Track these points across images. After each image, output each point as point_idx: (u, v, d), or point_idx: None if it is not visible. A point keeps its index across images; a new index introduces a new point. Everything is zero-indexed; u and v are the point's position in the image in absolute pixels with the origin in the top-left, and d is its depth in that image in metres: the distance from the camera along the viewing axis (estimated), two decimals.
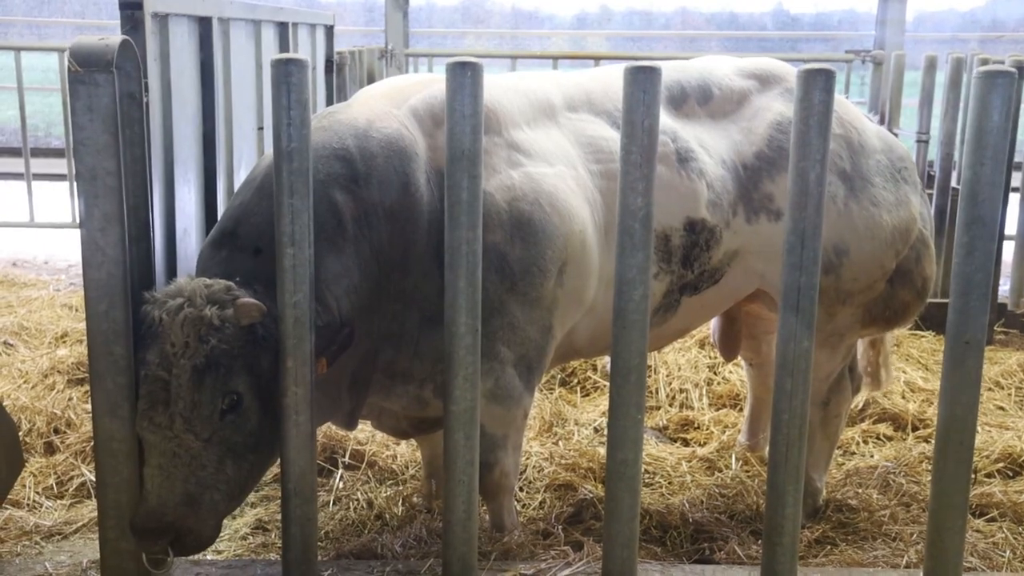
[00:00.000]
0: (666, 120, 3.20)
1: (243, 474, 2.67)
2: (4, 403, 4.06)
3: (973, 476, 3.84)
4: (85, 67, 2.47)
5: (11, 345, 5.19)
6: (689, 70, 3.47)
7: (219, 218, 2.96)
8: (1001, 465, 4.04)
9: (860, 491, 3.78)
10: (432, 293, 2.84)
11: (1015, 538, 3.45)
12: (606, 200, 3.12)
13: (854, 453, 4.23)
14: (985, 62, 4.93)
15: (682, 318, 3.42)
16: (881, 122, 6.97)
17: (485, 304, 2.67)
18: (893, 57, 7.20)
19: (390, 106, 3.01)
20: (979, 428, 4.17)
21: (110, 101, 2.47)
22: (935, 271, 3.63)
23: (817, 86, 2.58)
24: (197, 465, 2.57)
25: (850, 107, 3.56)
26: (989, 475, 3.98)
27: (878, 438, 4.38)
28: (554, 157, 3.09)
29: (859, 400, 4.38)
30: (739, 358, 4.14)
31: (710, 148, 3.30)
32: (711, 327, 4.11)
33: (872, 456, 4.17)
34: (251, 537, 3.45)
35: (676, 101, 3.35)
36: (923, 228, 3.52)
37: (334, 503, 3.66)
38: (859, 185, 3.36)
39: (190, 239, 3.38)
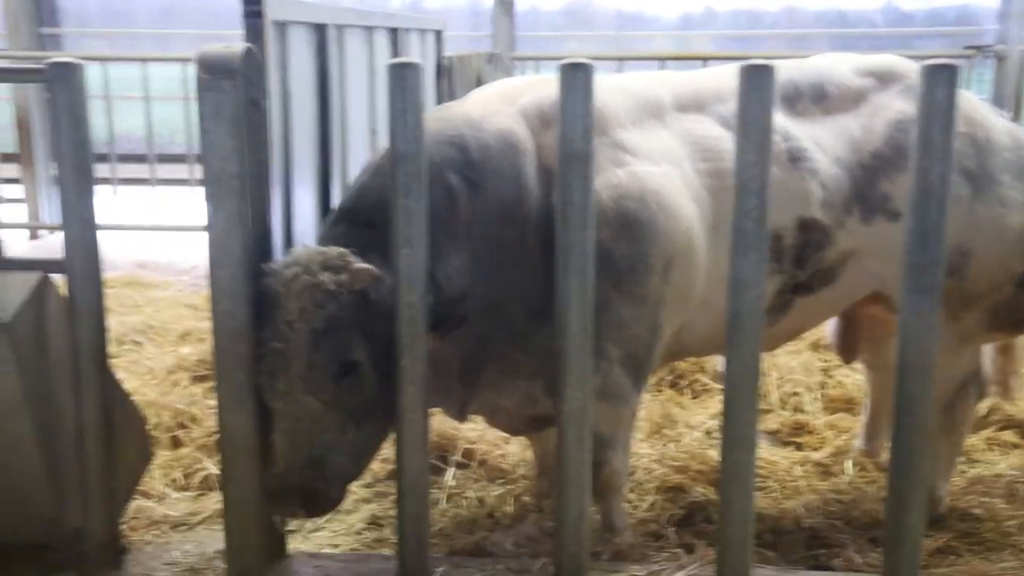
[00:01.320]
0: (779, 119, 3.14)
1: (363, 438, 2.73)
2: (133, 398, 4.22)
3: None
4: (211, 74, 2.54)
5: (138, 343, 5.39)
6: (804, 69, 3.40)
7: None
8: None
9: (985, 500, 3.63)
10: (539, 287, 2.86)
11: None
12: (714, 198, 3.09)
13: (978, 461, 4.06)
14: None
15: (796, 319, 3.35)
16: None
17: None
18: (1017, 52, 6.91)
19: (501, 104, 3.08)
20: None
21: (235, 107, 2.54)
22: None
23: (940, 82, 2.50)
24: (320, 429, 2.63)
25: (977, 104, 3.42)
26: None
27: (1003, 445, 4.20)
28: (660, 156, 3.07)
29: (984, 406, 4.21)
30: (857, 360, 4.03)
31: (824, 147, 3.22)
32: (829, 329, 4.02)
33: (998, 464, 4.01)
34: (366, 532, 3.49)
35: (790, 100, 3.28)
36: None
37: (446, 501, 3.69)
38: (985, 184, 3.23)
39: (308, 240, 3.45)
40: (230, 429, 2.65)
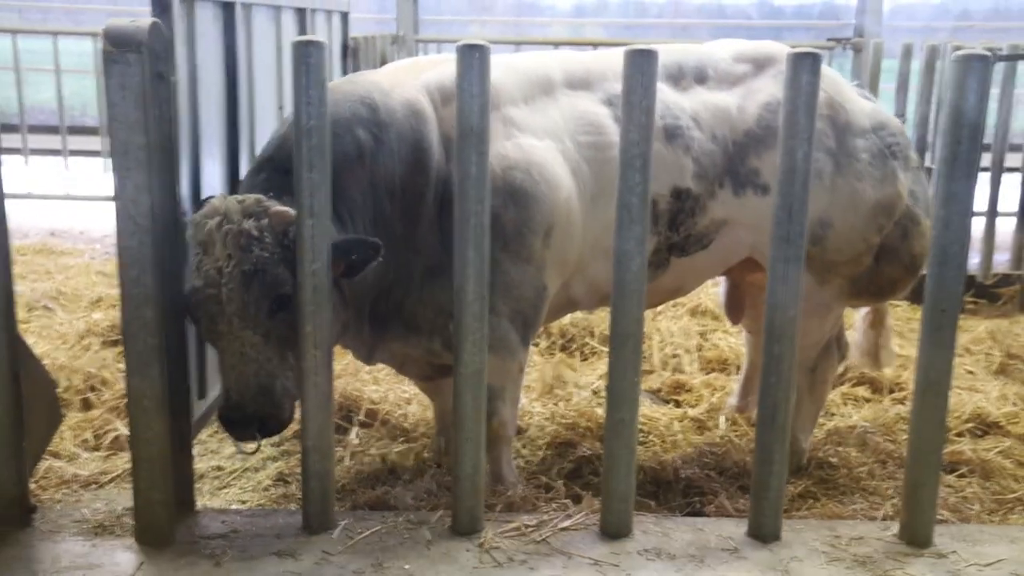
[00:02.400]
0: (661, 97, 3.19)
1: None
2: (44, 362, 4.04)
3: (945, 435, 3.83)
4: (118, 47, 2.42)
5: (50, 309, 5.17)
6: (689, 53, 3.44)
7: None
8: (971, 425, 4.01)
9: (840, 449, 3.76)
10: (435, 245, 2.94)
11: (983, 493, 3.43)
12: (594, 170, 3.15)
13: (834, 414, 4.20)
14: (958, 49, 4.86)
15: (674, 277, 3.42)
16: None
17: None
18: (872, 44, 7.10)
19: (408, 77, 3.11)
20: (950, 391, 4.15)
21: (141, 79, 2.43)
22: (926, 247, 3.56)
23: (804, 68, 2.54)
24: (263, 359, 2.69)
25: (843, 87, 3.47)
26: (960, 434, 3.95)
27: (856, 400, 4.35)
28: (544, 131, 3.12)
29: (841, 366, 4.35)
30: (739, 326, 4.12)
31: (702, 123, 3.28)
32: (719, 294, 4.09)
33: (851, 417, 4.15)
34: (272, 489, 3.43)
35: (674, 79, 3.33)
36: (912, 205, 3.42)
37: (350, 458, 3.64)
38: (844, 162, 3.31)
39: None
40: (137, 391, 2.55)
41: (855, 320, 4.09)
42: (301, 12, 4.50)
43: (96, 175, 7.96)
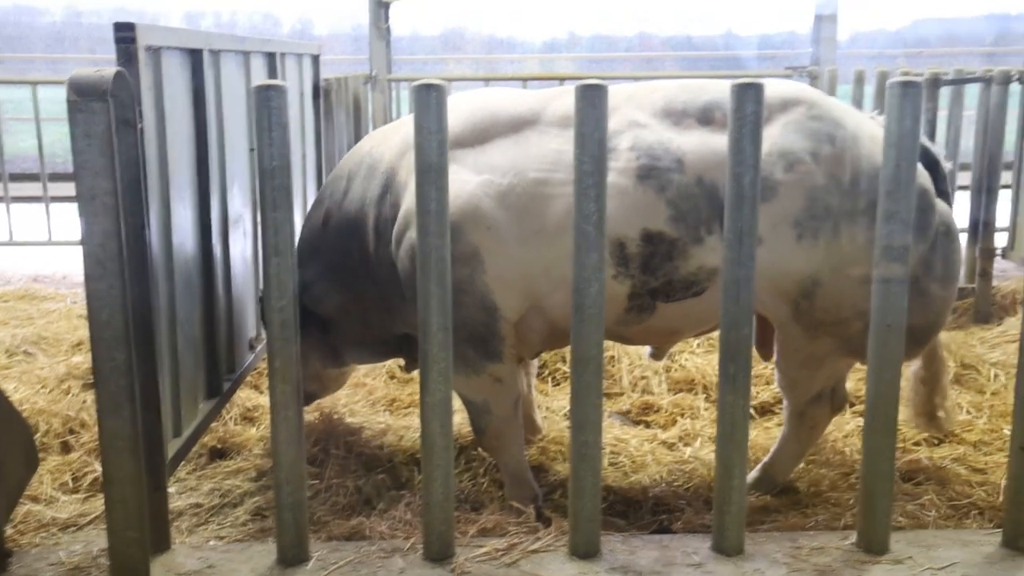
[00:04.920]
0: (645, 136, 3.10)
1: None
2: (23, 407, 4.01)
3: (902, 444, 3.86)
4: (82, 96, 2.44)
5: (31, 354, 5.13)
6: (705, 91, 3.19)
7: None
8: (927, 434, 4.04)
9: (803, 465, 3.77)
10: (391, 278, 3.35)
11: (939, 499, 3.45)
12: (538, 204, 3.11)
13: None
14: (906, 75, 4.94)
15: (664, 321, 3.22)
16: None
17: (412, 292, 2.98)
18: (826, 72, 7.22)
19: (392, 133, 3.47)
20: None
21: (105, 127, 2.44)
22: (931, 319, 3.20)
23: (749, 99, 2.58)
24: None
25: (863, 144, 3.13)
26: (916, 443, 3.98)
27: None
28: (487, 168, 3.15)
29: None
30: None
31: (686, 165, 3.06)
32: None
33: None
34: (250, 524, 3.41)
35: (674, 117, 3.15)
36: (923, 276, 3.11)
37: (325, 490, 3.62)
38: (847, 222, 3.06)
39: (186, 252, 3.35)
40: (109, 432, 2.54)
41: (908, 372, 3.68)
42: (271, 56, 4.54)
43: (77, 220, 7.94)
